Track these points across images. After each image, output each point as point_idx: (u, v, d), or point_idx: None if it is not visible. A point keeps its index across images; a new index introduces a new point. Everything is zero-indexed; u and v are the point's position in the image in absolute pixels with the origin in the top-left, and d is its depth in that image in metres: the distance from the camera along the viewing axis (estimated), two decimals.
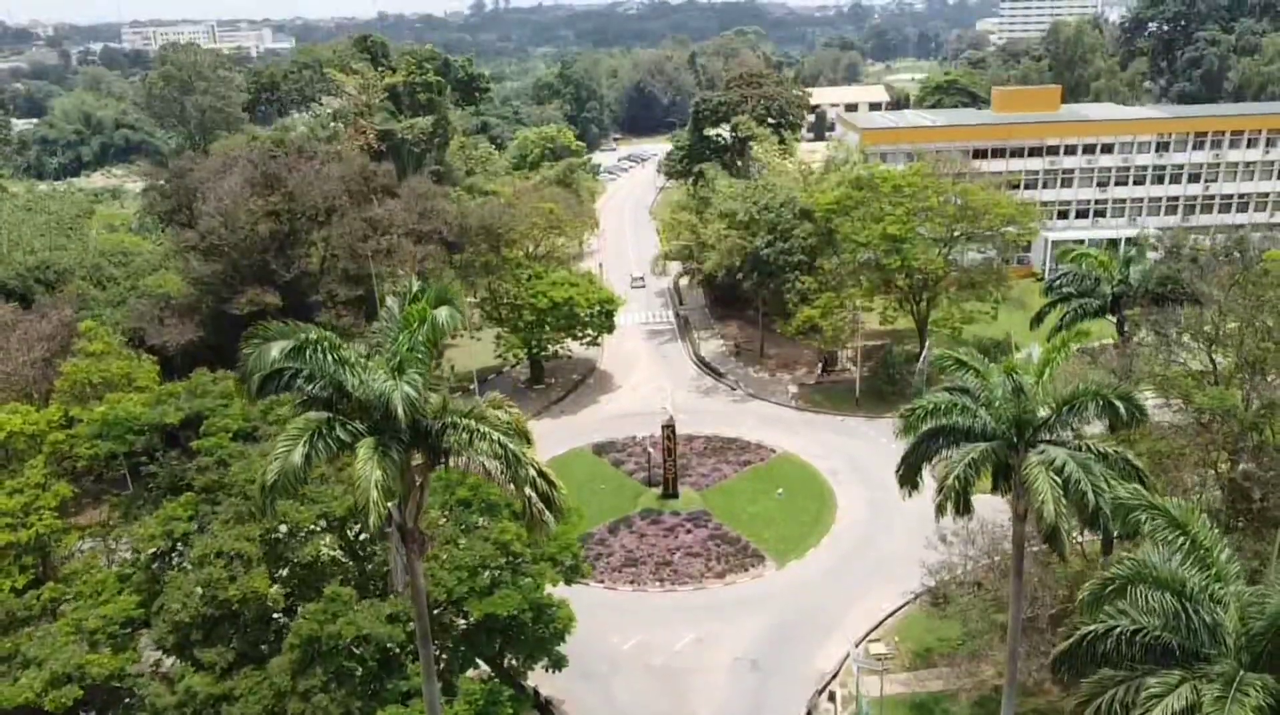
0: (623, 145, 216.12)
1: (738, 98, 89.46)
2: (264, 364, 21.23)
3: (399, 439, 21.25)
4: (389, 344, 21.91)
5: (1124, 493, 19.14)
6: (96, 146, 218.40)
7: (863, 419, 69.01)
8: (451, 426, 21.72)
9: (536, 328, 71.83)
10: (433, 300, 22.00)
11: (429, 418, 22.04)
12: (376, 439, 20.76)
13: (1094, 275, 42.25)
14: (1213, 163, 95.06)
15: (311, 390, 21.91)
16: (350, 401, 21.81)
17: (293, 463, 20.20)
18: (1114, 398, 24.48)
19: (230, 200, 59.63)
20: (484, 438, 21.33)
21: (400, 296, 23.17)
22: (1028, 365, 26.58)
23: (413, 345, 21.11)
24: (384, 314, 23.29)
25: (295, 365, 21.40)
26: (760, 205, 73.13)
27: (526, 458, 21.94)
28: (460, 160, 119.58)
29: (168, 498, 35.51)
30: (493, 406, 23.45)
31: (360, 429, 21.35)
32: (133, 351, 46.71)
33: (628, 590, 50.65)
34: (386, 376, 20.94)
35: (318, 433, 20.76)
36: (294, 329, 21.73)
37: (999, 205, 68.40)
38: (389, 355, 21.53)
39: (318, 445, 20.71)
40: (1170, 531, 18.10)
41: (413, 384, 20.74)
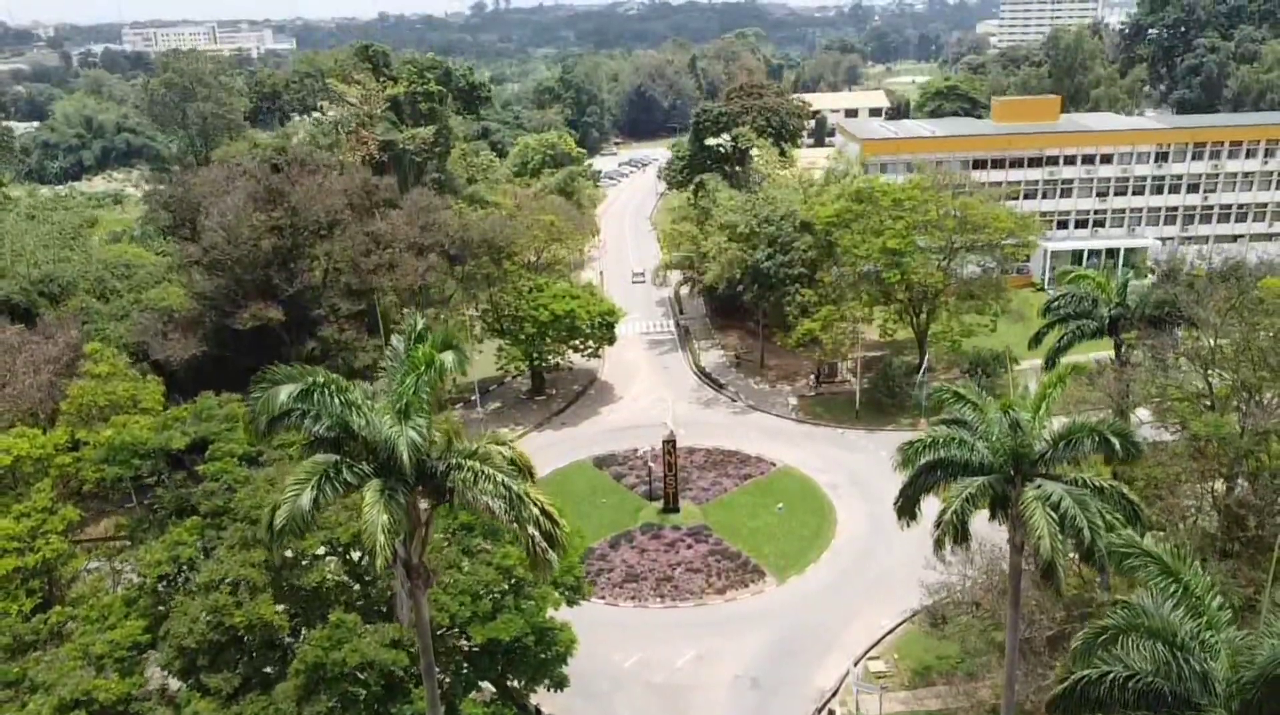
0: (623, 149, 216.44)
1: (738, 109, 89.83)
2: (272, 408, 21.58)
3: (404, 481, 21.61)
4: (395, 385, 22.25)
5: (1118, 539, 19.49)
6: (98, 150, 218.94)
7: (863, 432, 69.36)
8: (456, 467, 22.06)
9: (537, 340, 72.17)
10: (438, 343, 22.34)
11: (433, 458, 22.38)
12: (383, 482, 21.11)
13: (1092, 297, 42.56)
14: (1212, 173, 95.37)
15: (318, 430, 22.27)
16: (357, 441, 22.16)
17: (300, 507, 20.55)
18: (1110, 434, 24.82)
19: (233, 215, 59.94)
20: (487, 479, 21.67)
21: (406, 335, 23.51)
22: (1024, 400, 26.89)
23: (417, 388, 21.44)
24: (390, 353, 23.63)
25: (303, 406, 21.74)
26: (761, 218, 73.49)
27: (530, 497, 22.26)
28: (462, 168, 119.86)
29: (173, 521, 35.88)
30: (494, 442, 23.76)
31: (367, 471, 21.70)
32: (137, 371, 46.93)
33: (629, 606, 50.97)
34: (392, 421, 21.30)
35: (325, 477, 21.13)
36: (302, 372, 22.07)
37: (998, 219, 68.73)
38: (395, 396, 21.87)
39: (325, 489, 21.07)
40: (1163, 579, 18.45)
41: (418, 429, 21.09)
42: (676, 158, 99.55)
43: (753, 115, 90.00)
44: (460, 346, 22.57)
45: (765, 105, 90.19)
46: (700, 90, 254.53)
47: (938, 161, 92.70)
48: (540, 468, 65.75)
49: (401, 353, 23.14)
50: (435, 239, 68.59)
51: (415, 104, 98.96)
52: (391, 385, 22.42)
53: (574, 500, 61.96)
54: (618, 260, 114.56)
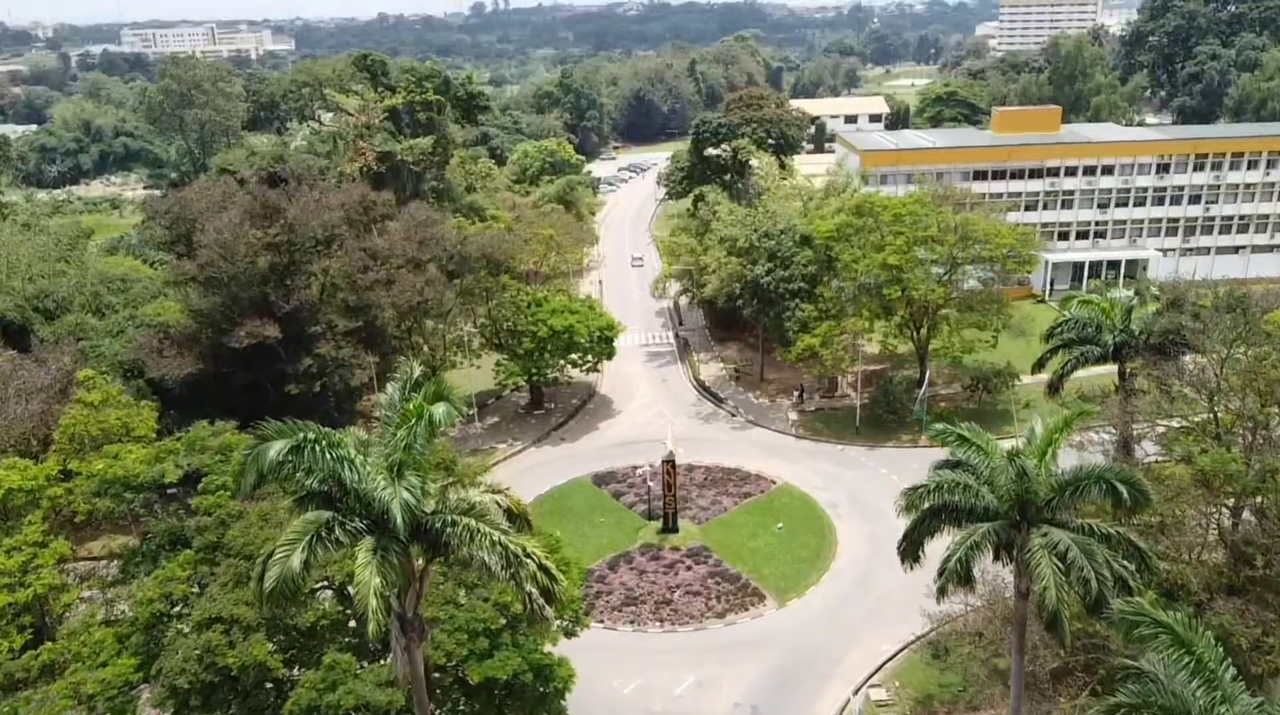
0: (622, 154, 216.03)
1: (738, 119, 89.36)
2: (261, 465, 21.15)
3: (398, 539, 21.16)
4: (388, 437, 21.82)
5: (1128, 607, 19.06)
6: (96, 154, 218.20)
7: (863, 448, 68.94)
8: (450, 525, 21.62)
9: (536, 355, 71.71)
10: (430, 396, 21.89)
11: (429, 514, 21.93)
12: (376, 540, 20.69)
13: (1095, 322, 42.15)
14: (1213, 184, 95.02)
15: (310, 484, 21.85)
16: (350, 495, 21.72)
17: (291, 569, 20.09)
18: (1118, 482, 24.40)
19: (229, 232, 59.41)
20: (483, 537, 21.24)
21: (400, 383, 23.07)
22: (1030, 449, 26.44)
23: (410, 443, 21.01)
24: (384, 401, 23.19)
25: (294, 460, 21.30)
26: (760, 232, 73.06)
27: (527, 553, 21.82)
28: (460, 176, 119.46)
29: (166, 553, 35.44)
30: (492, 492, 23.32)
31: (360, 527, 21.27)
32: (131, 395, 46.45)
33: (628, 630, 50.52)
34: (386, 482, 20.86)
35: (317, 537, 20.69)
36: (292, 428, 21.61)
37: (999, 234, 68.33)
38: (388, 450, 21.45)
39: (316, 550, 20.63)
40: (1175, 650, 18.01)
41: (411, 489, 20.66)
42: (676, 168, 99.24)
43: (752, 127, 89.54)
44: (451, 398, 22.11)
45: (765, 117, 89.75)
46: (699, 94, 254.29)
47: (938, 173, 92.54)
48: (539, 485, 66.08)
49: (396, 401, 22.72)
50: (433, 254, 68.09)
51: (414, 113, 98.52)
52: (385, 436, 21.98)
53: (573, 519, 61.61)
54: (618, 270, 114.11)
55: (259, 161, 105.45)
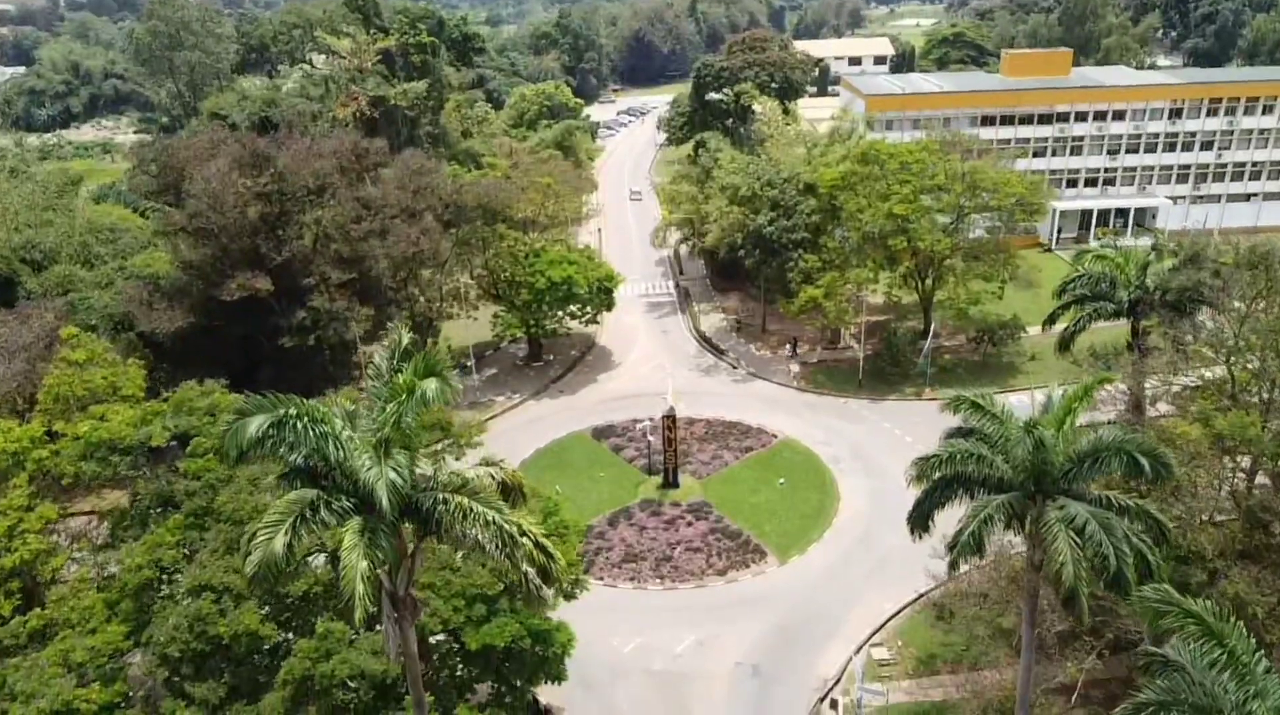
0: (621, 97, 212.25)
1: (740, 63, 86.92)
2: (240, 441, 20.08)
3: (387, 519, 20.19)
4: (375, 412, 20.74)
5: (1153, 594, 18.18)
6: (86, 97, 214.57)
7: (866, 401, 68.00)
8: (442, 503, 20.63)
9: (534, 307, 70.44)
10: (421, 369, 20.72)
11: (419, 491, 20.93)
12: (364, 521, 19.73)
13: (1110, 278, 40.87)
14: (1226, 130, 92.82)
15: (294, 459, 20.83)
16: (336, 470, 20.71)
17: (274, 552, 19.14)
18: (1139, 454, 23.39)
19: (218, 182, 57.81)
20: (477, 517, 20.29)
21: (389, 350, 21.94)
22: (1048, 418, 25.37)
23: (399, 419, 19.93)
24: (371, 372, 22.05)
25: (275, 436, 20.24)
26: (763, 180, 71.31)
27: (523, 532, 20.87)
28: (456, 121, 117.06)
29: (155, 516, 34.64)
30: (486, 464, 22.31)
31: (347, 507, 20.29)
32: (120, 353, 45.32)
33: (628, 588, 50.04)
34: (371, 460, 19.81)
35: (301, 517, 19.71)
36: (274, 401, 20.50)
37: (1008, 183, 66.68)
38: (375, 426, 20.38)
39: (300, 531, 19.67)
40: (1205, 641, 17.17)
41: (398, 470, 19.64)
42: (677, 113, 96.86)
43: (755, 70, 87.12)
44: (445, 372, 20.93)
45: (768, 60, 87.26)
46: (700, 35, 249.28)
47: (945, 118, 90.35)
48: (537, 439, 65.19)
49: (384, 371, 21.59)
50: (428, 203, 66.44)
51: (407, 56, 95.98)
52: (373, 410, 20.91)
53: (572, 473, 60.91)
54: (617, 219, 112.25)
55: (250, 106, 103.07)
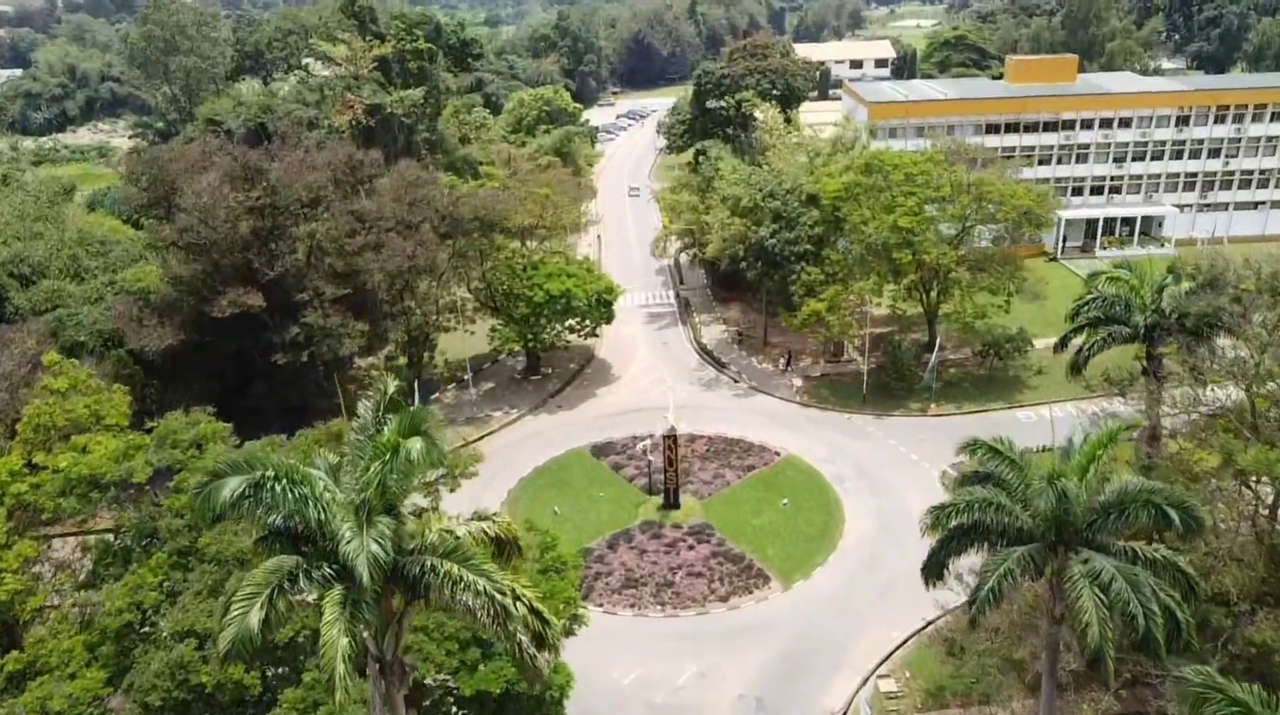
0: (621, 100, 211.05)
1: (742, 70, 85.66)
2: (214, 506, 18.88)
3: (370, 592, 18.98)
4: (358, 471, 19.50)
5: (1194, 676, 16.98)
6: (82, 100, 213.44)
7: (870, 417, 66.75)
8: (431, 571, 19.40)
9: (532, 320, 69.18)
10: (405, 429, 19.46)
11: (406, 555, 19.70)
12: (346, 590, 18.50)
13: (1124, 300, 39.66)
14: (1234, 138, 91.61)
15: (272, 521, 19.61)
16: (317, 533, 19.47)
17: (249, 628, 17.90)
18: (1168, 506, 22.19)
19: (208, 196, 56.56)
20: (468, 588, 19.06)
21: (374, 402, 20.71)
22: (1070, 465, 24.15)
23: (382, 481, 18.69)
24: (356, 426, 20.83)
25: (252, 498, 19.00)
26: (765, 192, 70.06)
27: (517, 596, 19.62)
28: (454, 126, 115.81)
29: (138, 553, 33.42)
30: (479, 518, 21.07)
31: (329, 574, 19.05)
32: (106, 379, 44.04)
33: (628, 615, 48.82)
34: (352, 532, 18.53)
35: (279, 589, 18.47)
36: (250, 461, 19.28)
37: (1015, 196, 65.46)
38: (359, 486, 19.14)
39: (278, 604, 18.45)
40: None
41: (380, 541, 18.38)
42: (677, 120, 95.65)
43: (756, 77, 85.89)
44: (431, 432, 19.68)
45: (769, 67, 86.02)
46: (700, 37, 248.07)
47: (949, 126, 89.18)
48: (536, 456, 63.94)
49: (368, 424, 20.36)
50: (424, 216, 65.17)
51: (404, 63, 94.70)
52: (356, 469, 19.65)
53: (571, 493, 59.70)
54: (617, 226, 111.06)
55: (246, 112, 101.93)
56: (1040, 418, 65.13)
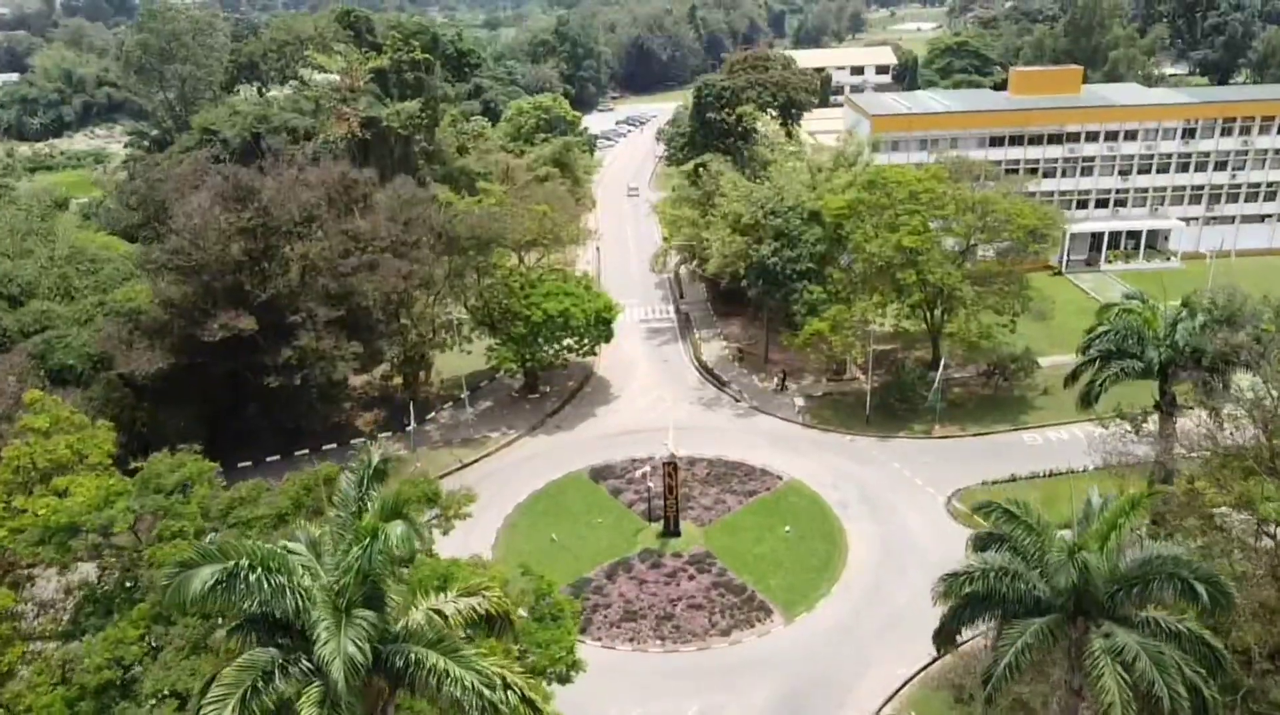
0: (620, 105, 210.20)
1: (743, 83, 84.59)
2: (184, 598, 17.77)
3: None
4: (338, 553, 18.35)
5: None
6: (79, 106, 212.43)
7: (874, 439, 65.58)
8: (416, 664, 18.28)
9: (530, 340, 68.04)
10: (386, 511, 18.33)
11: (389, 644, 18.57)
12: (323, 689, 17.35)
13: (1137, 334, 38.51)
14: (1241, 149, 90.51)
15: (248, 609, 18.49)
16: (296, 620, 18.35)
17: None
18: (1195, 580, 21.07)
19: (199, 218, 55.49)
20: (455, 682, 17.94)
21: (358, 474, 19.60)
22: (1090, 533, 23.00)
23: (362, 569, 17.56)
24: (338, 500, 19.70)
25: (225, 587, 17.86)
26: (766, 209, 68.93)
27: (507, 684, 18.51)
28: (452, 136, 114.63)
29: (120, 603, 32.29)
30: (467, 594, 19.93)
31: (307, 668, 17.92)
32: (89, 413, 42.91)
33: (627, 649, 47.66)
34: (328, 632, 17.37)
35: (252, 690, 17.35)
36: (224, 550, 18.16)
37: (1021, 215, 64.33)
38: (339, 572, 18.01)
39: (253, 705, 17.32)
40: None
41: (359, 640, 17.26)
42: (677, 133, 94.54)
43: (757, 90, 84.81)
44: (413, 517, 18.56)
45: (771, 79, 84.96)
46: (700, 41, 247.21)
47: (953, 139, 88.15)
48: (533, 479, 62.76)
49: (350, 497, 19.23)
50: (419, 235, 64.09)
51: (400, 73, 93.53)
52: (337, 549, 18.51)
53: (569, 519, 58.57)
54: (617, 237, 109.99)
55: (241, 122, 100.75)
56: (1047, 441, 64.35)
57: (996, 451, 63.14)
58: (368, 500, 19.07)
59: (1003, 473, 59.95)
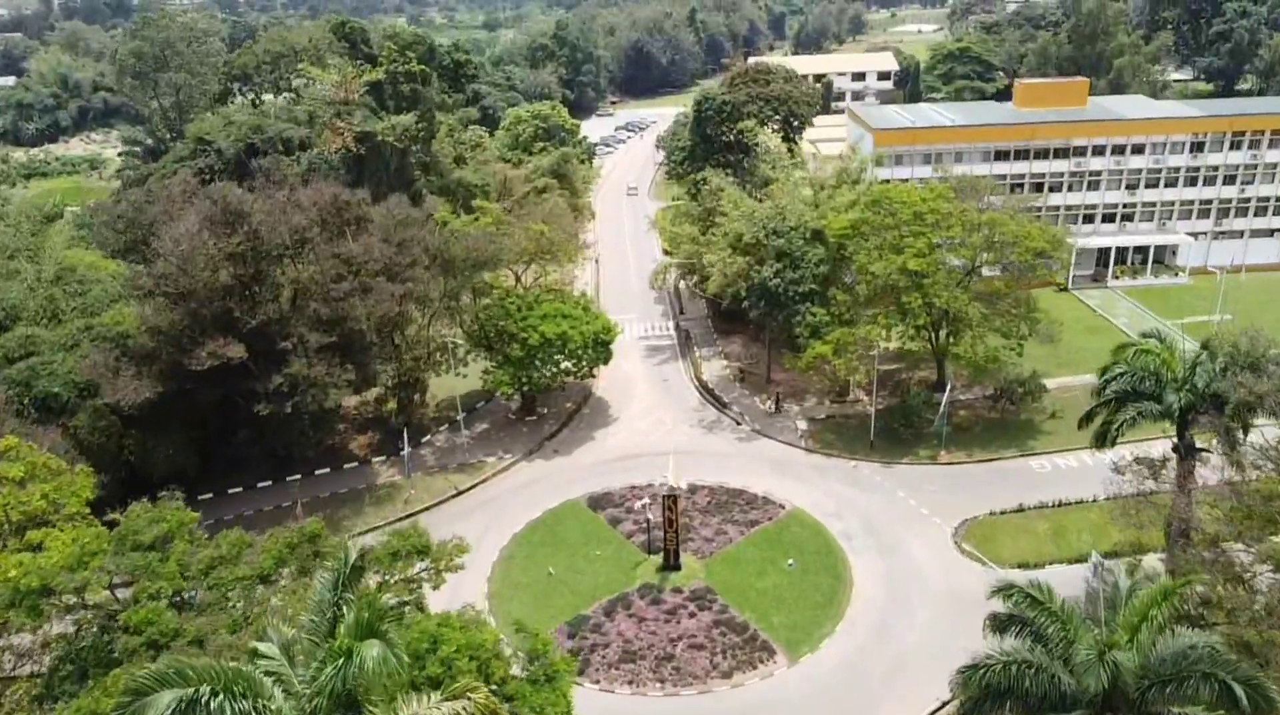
0: (620, 109, 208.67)
1: (744, 97, 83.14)
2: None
3: None
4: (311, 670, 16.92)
5: None
6: (74, 111, 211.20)
7: (878, 465, 64.15)
8: None
9: (526, 362, 66.60)
10: (361, 629, 16.90)
11: None
12: None
13: (1155, 375, 37.09)
14: (1250, 163, 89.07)
15: None
16: None
17: None
18: (1234, 682, 19.68)
19: (187, 243, 54.03)
20: None
21: (335, 572, 18.19)
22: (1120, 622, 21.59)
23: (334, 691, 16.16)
24: (312, 604, 18.29)
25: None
26: (769, 229, 67.48)
27: None
28: (449, 146, 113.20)
29: (95, 670, 30.85)
30: (452, 697, 18.51)
31: None
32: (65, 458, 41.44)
33: (625, 693, 46.27)
34: None
35: None
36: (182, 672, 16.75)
37: (1029, 237, 62.90)
38: (311, 693, 16.60)
39: None
40: None
41: None
42: (677, 146, 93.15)
43: (759, 104, 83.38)
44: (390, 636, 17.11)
45: (772, 94, 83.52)
46: (700, 44, 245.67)
47: (957, 153, 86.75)
48: (530, 508, 61.30)
49: (326, 600, 17.81)
50: (414, 257, 62.64)
51: (396, 85, 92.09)
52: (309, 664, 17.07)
53: (566, 550, 57.13)
54: (615, 249, 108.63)
55: (235, 131, 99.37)
56: (1055, 467, 62.96)
57: (1004, 479, 61.73)
58: (344, 605, 17.69)
59: (1010, 502, 58.62)
